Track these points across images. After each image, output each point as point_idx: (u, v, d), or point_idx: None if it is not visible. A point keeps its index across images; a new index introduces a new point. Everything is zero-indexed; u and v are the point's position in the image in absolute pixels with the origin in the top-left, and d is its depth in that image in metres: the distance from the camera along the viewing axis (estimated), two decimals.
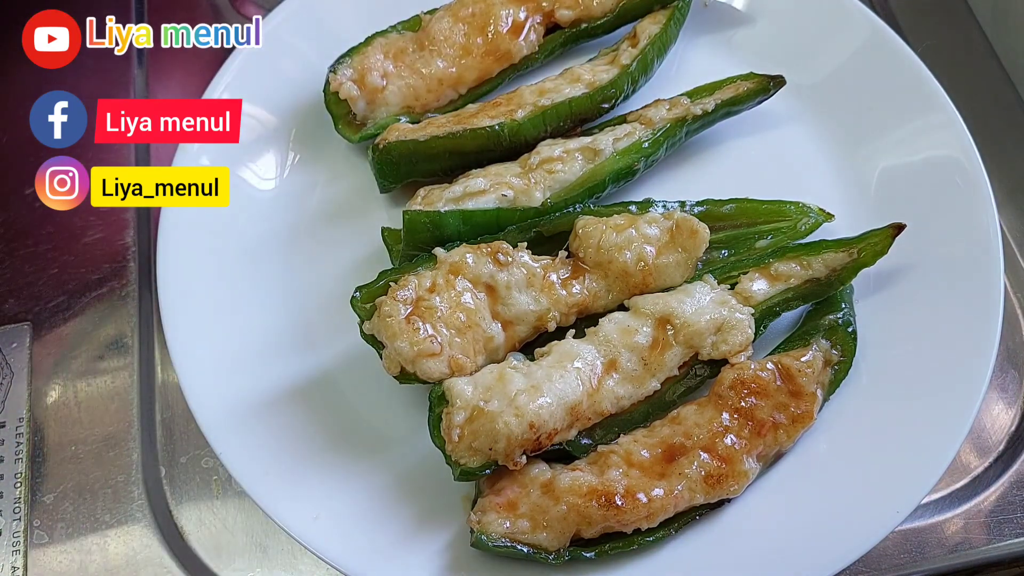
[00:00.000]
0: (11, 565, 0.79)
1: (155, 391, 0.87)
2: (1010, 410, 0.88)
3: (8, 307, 0.91)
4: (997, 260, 0.80)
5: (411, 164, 0.85)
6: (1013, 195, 0.99)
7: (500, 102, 0.88)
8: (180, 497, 0.83)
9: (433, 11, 0.92)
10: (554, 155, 0.84)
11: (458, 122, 0.86)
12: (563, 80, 0.89)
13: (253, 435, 0.75)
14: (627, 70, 0.90)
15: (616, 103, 0.90)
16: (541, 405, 0.70)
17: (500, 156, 0.86)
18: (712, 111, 0.89)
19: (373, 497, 0.74)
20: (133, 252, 0.94)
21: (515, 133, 0.85)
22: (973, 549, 0.81)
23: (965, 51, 1.10)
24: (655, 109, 0.89)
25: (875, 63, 0.92)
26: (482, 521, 0.69)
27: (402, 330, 0.72)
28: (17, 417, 0.85)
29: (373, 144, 0.86)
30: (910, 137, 0.89)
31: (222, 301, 0.82)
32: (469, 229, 0.81)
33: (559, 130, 0.88)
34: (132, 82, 1.05)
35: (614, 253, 0.78)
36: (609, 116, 0.91)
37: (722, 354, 0.76)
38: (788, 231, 0.84)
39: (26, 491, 0.82)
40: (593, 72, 0.90)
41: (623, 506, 0.68)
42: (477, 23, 0.91)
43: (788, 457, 0.75)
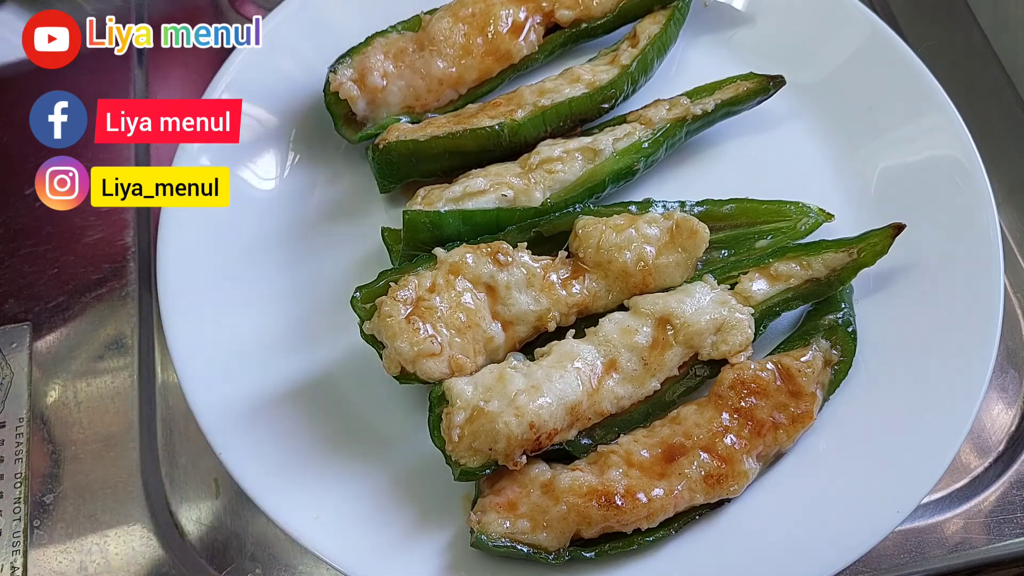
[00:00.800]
0: (11, 565, 0.79)
1: (155, 391, 0.87)
2: (1010, 410, 0.88)
3: (8, 307, 0.91)
4: (997, 260, 0.80)
5: (411, 164, 0.85)
6: (1013, 195, 0.99)
7: (500, 102, 0.88)
8: (180, 497, 0.83)
9: (433, 11, 0.92)
10: (554, 155, 0.84)
11: (458, 122, 0.86)
12: (563, 80, 0.89)
13: (253, 435, 0.75)
14: (627, 70, 0.90)
15: (616, 103, 0.90)
16: (541, 405, 0.70)
17: (500, 156, 0.86)
18: (712, 111, 0.89)
19: (373, 497, 0.74)
20: (133, 252, 0.94)
21: (515, 133, 0.85)
22: (973, 549, 0.81)
23: (965, 51, 1.10)
24: (655, 109, 0.89)
25: (875, 63, 0.92)
26: (482, 521, 0.69)
27: (402, 330, 0.72)
28: (17, 417, 0.85)
29: (373, 144, 0.86)
30: (910, 137, 0.89)
31: (222, 301, 0.82)
32: (469, 229, 0.81)
33: (559, 130, 0.88)
34: (132, 82, 1.05)
35: (614, 253, 0.78)
36: (609, 116, 0.91)
37: (722, 354, 0.76)
38: (788, 231, 0.84)
39: (26, 491, 0.82)
40: (593, 72, 0.90)
41: (623, 506, 0.68)
42: (477, 23, 0.91)
43: (788, 457, 0.75)
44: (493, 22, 0.91)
